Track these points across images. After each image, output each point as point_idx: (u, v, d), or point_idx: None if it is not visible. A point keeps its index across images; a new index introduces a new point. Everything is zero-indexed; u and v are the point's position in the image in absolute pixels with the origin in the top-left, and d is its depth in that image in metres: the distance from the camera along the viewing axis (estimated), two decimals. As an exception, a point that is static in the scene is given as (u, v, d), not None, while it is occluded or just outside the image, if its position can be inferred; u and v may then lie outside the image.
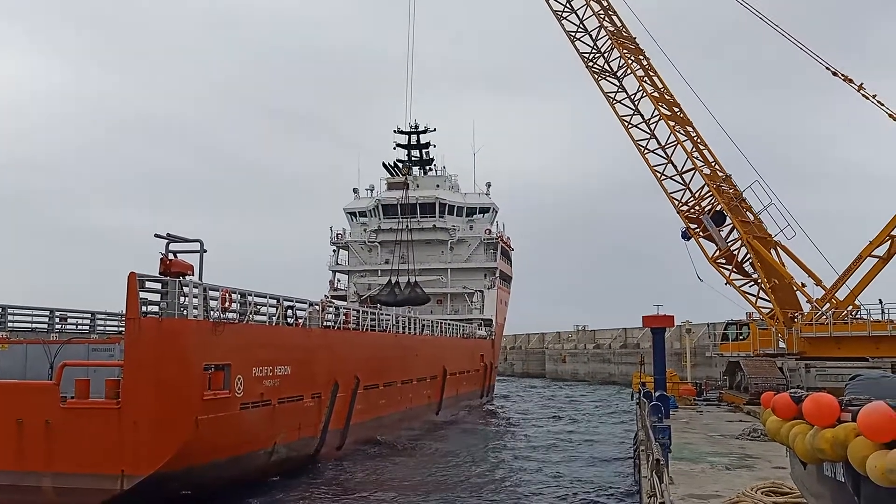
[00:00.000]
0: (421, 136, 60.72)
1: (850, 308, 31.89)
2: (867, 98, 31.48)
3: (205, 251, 19.87)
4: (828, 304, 32.56)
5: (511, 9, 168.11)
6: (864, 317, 31.25)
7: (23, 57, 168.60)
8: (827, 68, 32.66)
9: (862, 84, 31.81)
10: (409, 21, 45.87)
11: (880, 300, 31.02)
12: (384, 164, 60.31)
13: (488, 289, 54.31)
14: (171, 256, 18.96)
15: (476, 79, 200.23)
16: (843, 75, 32.44)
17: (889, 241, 31.04)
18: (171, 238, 19.46)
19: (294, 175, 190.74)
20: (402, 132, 60.72)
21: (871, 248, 31.30)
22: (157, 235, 19.31)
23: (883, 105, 31.01)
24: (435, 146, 61.52)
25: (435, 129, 60.97)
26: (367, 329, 30.38)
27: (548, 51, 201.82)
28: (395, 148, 61.12)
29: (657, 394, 23.07)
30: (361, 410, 27.54)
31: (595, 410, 45.31)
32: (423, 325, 39.52)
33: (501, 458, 27.22)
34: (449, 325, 45.07)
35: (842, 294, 32.41)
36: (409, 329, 36.64)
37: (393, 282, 46.26)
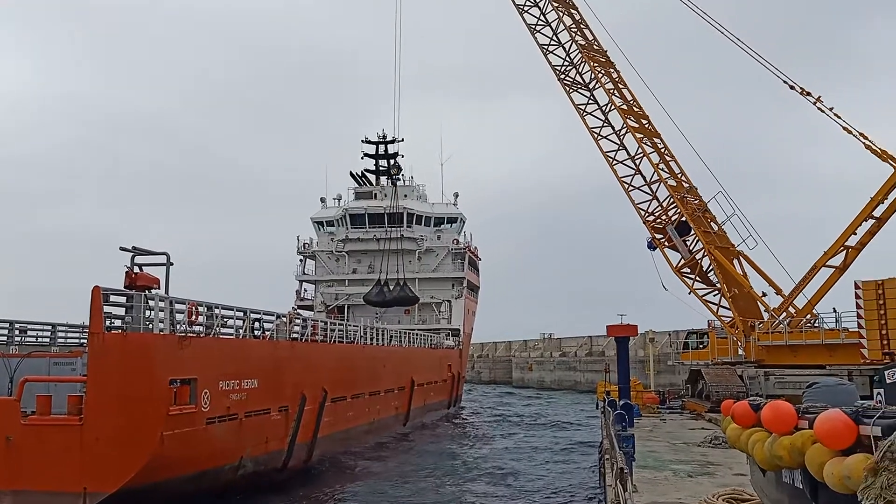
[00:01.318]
0: (388, 145, 60.82)
1: (808, 316, 32.69)
2: (823, 111, 32.35)
3: (171, 264, 19.70)
4: (784, 314, 33.36)
5: (483, 19, 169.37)
6: (821, 325, 32.04)
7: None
8: (785, 82, 33.50)
9: (819, 97, 32.67)
10: (395, 31, 46.06)
11: (834, 308, 31.85)
12: (352, 174, 60.31)
13: (456, 298, 54.47)
14: (136, 270, 18.75)
15: (446, 88, 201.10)
16: (800, 88, 33.26)
17: (844, 252, 31.91)
18: (137, 251, 19.25)
19: (260, 180, 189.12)
20: (369, 142, 60.75)
21: (826, 259, 32.15)
22: (122, 248, 19.09)
23: (840, 118, 31.89)
24: (403, 156, 61.74)
25: (403, 139, 61.16)
26: (334, 341, 30.29)
27: (515, 63, 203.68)
28: (362, 157, 61.13)
29: (621, 402, 23.40)
30: (329, 423, 27.41)
31: (563, 418, 45.64)
32: (391, 336, 39.48)
33: (469, 468, 27.29)
34: (417, 335, 45.08)
35: (803, 303, 33.26)
36: (377, 340, 36.59)
37: (382, 282, 46.05)
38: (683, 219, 35.49)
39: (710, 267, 35.31)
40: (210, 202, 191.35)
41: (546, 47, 38.70)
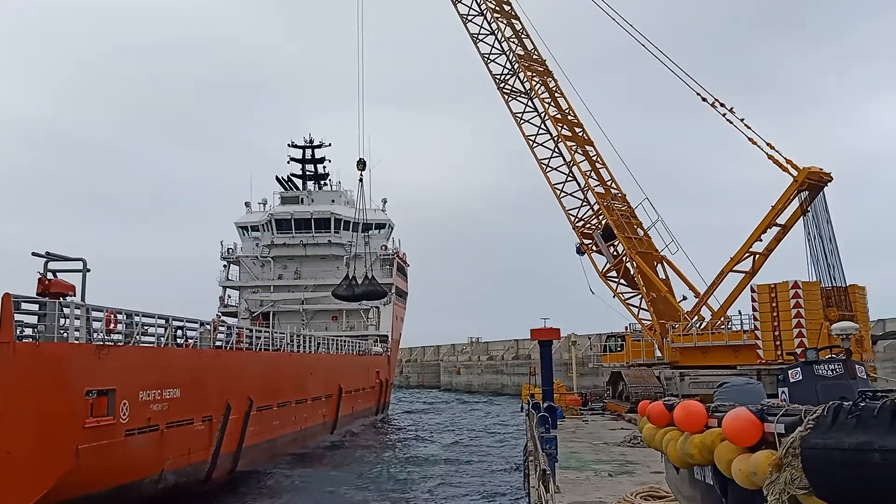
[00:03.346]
0: (316, 150, 60.26)
1: (722, 319, 34.10)
2: (731, 123, 33.70)
3: (88, 270, 19.00)
4: (696, 317, 34.76)
5: (415, 29, 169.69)
6: (729, 327, 33.43)
7: None
8: (698, 94, 34.83)
9: (732, 108, 34.04)
10: (358, 40, 44.88)
11: (740, 311, 33.24)
12: (278, 178, 59.44)
13: (384, 305, 54.28)
14: (50, 276, 18.02)
15: (376, 97, 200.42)
16: (713, 99, 34.61)
17: (751, 257, 33.43)
18: (51, 257, 18.50)
19: (183, 185, 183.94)
20: (296, 146, 60.09)
21: (732, 265, 33.63)
22: (34, 254, 18.31)
23: (750, 128, 33.30)
24: (330, 161, 61.31)
25: (330, 145, 60.78)
26: (260, 348, 29.78)
27: (446, 70, 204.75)
28: (289, 162, 60.40)
29: (545, 405, 23.85)
30: (255, 432, 26.92)
31: (489, 420, 46.08)
32: (319, 343, 39.07)
33: (394, 475, 27.26)
34: (344, 342, 44.75)
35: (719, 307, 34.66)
36: (305, 347, 36.14)
37: (350, 276, 45.24)
38: (607, 224, 36.63)
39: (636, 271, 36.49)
40: (125, 209, 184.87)
41: (487, 56, 39.25)
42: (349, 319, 53.92)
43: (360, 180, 43.87)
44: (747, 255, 33.35)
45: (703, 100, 34.64)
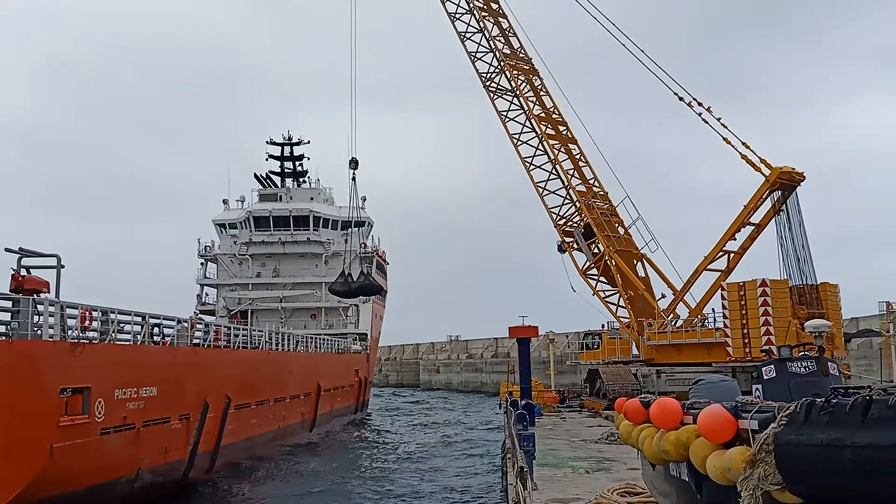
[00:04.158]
0: (295, 147, 59.91)
1: (699, 317, 34.45)
2: (706, 122, 33.96)
3: (62, 266, 18.73)
4: (672, 314, 35.12)
5: (396, 25, 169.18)
6: (704, 325, 33.80)
7: None
8: (675, 93, 35.09)
9: (710, 108, 34.25)
10: (351, 38, 44.15)
11: (714, 309, 33.60)
12: (256, 176, 59.01)
13: (363, 303, 54.12)
14: (23, 272, 17.75)
15: (345, 91, 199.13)
16: (690, 98, 34.87)
17: (726, 256, 33.81)
18: (24, 252, 18.21)
19: (160, 182, 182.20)
20: (275, 143, 59.68)
21: (706, 263, 34.00)
22: (7, 250, 18.01)
23: (726, 127, 33.60)
24: (309, 158, 60.97)
25: (309, 142, 60.42)
26: (238, 346, 29.58)
27: (428, 65, 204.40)
28: (267, 159, 59.99)
29: (523, 402, 23.96)
30: (233, 431, 26.75)
31: (468, 419, 46.17)
32: (298, 341, 38.91)
33: (373, 473, 27.24)
34: (323, 340, 44.58)
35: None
36: (283, 345, 35.97)
37: (345, 272, 45.01)
38: (587, 222, 36.89)
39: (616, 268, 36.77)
40: (101, 205, 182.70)
41: (474, 54, 39.29)
42: (328, 318, 53.73)
43: (353, 179, 43.54)
44: (722, 253, 33.72)
45: (680, 99, 34.92)
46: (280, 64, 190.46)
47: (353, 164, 42.60)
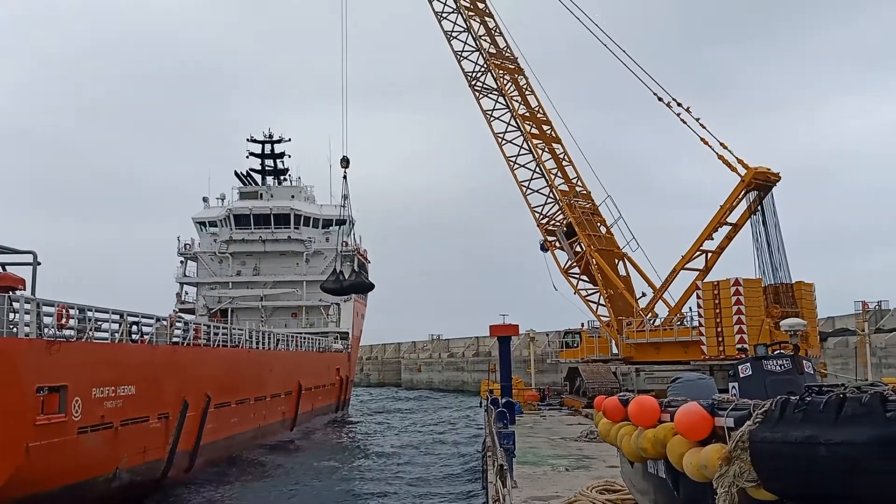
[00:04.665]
0: (276, 145, 59.62)
1: (678, 316, 34.72)
2: (685, 122, 34.18)
3: (38, 263, 18.51)
4: (650, 313, 35.38)
5: (383, 24, 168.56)
6: (681, 324, 34.06)
7: None
8: (654, 93, 35.28)
9: (689, 108, 34.43)
10: (342, 37, 43.67)
11: (690, 308, 33.87)
12: (237, 173, 58.62)
13: (345, 302, 54.01)
14: (-1, 270, 17.54)
15: (335, 90, 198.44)
16: (669, 98, 35.05)
17: (703, 255, 34.10)
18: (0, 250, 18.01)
19: (139, 179, 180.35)
20: (255, 141, 59.36)
21: (684, 262, 34.27)
22: (-18, 248, 17.80)
23: (705, 128, 33.80)
24: (290, 156, 60.71)
25: (290, 140, 60.18)
26: (219, 344, 29.40)
27: (414, 64, 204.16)
28: (248, 157, 59.66)
29: (503, 400, 24.05)
30: (212, 430, 26.58)
31: (449, 416, 46.25)
32: (278, 340, 38.74)
33: (354, 471, 27.21)
34: (304, 338, 44.42)
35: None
36: (264, 344, 35.80)
37: (337, 270, 44.75)
38: (568, 222, 37.07)
39: (598, 267, 36.97)
40: (79, 202, 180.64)
41: (460, 53, 39.31)
42: (309, 316, 53.53)
43: (345, 177, 43.23)
44: (699, 253, 33.99)
45: (659, 99, 35.09)
46: (266, 62, 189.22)
47: (345, 162, 42.38)
